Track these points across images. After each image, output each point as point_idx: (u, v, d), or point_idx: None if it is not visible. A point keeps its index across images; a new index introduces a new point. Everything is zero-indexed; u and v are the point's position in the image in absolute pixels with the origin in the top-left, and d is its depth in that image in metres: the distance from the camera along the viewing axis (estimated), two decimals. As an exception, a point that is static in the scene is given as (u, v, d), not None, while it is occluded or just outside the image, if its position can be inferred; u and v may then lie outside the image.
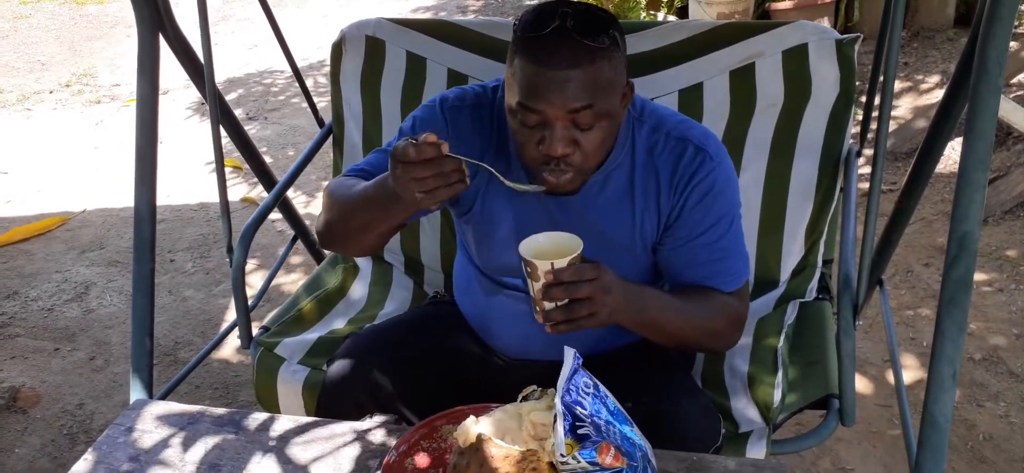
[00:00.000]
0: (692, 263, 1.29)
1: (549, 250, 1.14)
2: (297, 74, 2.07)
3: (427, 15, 6.58)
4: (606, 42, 1.12)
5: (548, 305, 1.12)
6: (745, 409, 1.44)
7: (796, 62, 1.67)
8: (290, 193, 3.67)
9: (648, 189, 1.28)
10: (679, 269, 1.31)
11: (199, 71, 1.84)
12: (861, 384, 2.31)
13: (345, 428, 1.27)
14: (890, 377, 2.30)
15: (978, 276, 2.72)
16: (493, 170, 1.17)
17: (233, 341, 2.44)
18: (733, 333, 1.31)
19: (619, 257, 1.31)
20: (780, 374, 1.47)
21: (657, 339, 1.28)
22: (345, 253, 1.35)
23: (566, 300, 1.11)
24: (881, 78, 1.31)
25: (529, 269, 1.12)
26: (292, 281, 3.10)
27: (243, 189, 3.89)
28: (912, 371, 2.35)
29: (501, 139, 1.33)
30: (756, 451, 1.34)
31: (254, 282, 3.09)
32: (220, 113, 1.89)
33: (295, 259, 3.20)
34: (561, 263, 1.09)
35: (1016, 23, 4.49)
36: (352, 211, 1.26)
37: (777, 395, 1.43)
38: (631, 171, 1.29)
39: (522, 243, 1.14)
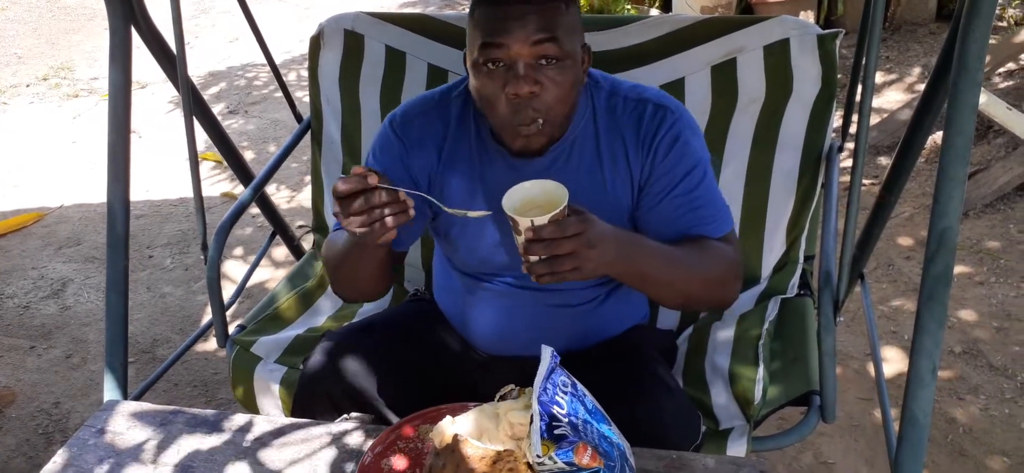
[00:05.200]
0: (673, 217, 1.27)
1: (536, 199, 1.12)
2: (274, 68, 2.04)
3: (415, 9, 6.55)
4: None
5: (532, 258, 1.10)
6: (726, 406, 1.43)
7: (777, 57, 1.66)
8: (271, 189, 3.66)
9: (615, 152, 1.29)
10: (662, 227, 1.28)
11: (173, 64, 1.81)
12: (843, 378, 2.32)
13: (321, 429, 1.25)
14: (872, 370, 2.31)
15: (959, 269, 2.74)
16: (431, 198, 1.17)
17: (213, 338, 2.42)
18: (735, 281, 1.28)
19: None
20: (761, 370, 1.47)
21: (659, 294, 1.25)
22: (361, 300, 1.38)
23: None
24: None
25: (512, 223, 1.10)
26: (274, 276, 3.07)
27: (225, 184, 3.85)
28: (894, 364, 2.36)
29: (458, 133, 1.34)
30: (737, 448, 1.34)
31: (235, 277, 3.06)
32: (195, 106, 1.86)
33: (277, 254, 3.16)
34: (541, 220, 1.06)
35: (998, 15, 4.53)
36: (338, 263, 1.31)
37: (758, 392, 1.42)
38: (595, 137, 1.30)
39: (507, 194, 1.11)
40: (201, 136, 2.07)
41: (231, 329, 1.71)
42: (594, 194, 1.29)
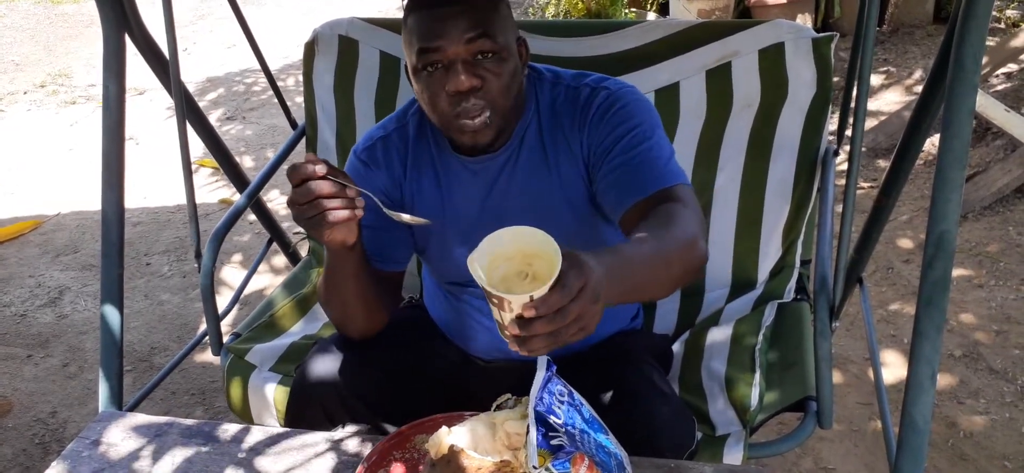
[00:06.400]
0: (623, 177, 1.20)
1: (505, 250, 0.93)
2: (268, 74, 2.04)
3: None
4: None
5: (523, 333, 0.88)
6: (722, 412, 1.42)
7: (772, 61, 1.66)
8: (268, 195, 3.64)
9: (557, 139, 1.30)
10: (615, 192, 1.22)
11: (167, 70, 1.80)
12: (843, 382, 2.31)
13: (317, 438, 1.24)
14: (872, 375, 2.30)
15: (958, 272, 2.73)
16: (375, 198, 1.15)
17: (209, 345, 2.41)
18: (702, 235, 1.13)
19: (558, 218, 1.29)
20: (758, 376, 1.46)
21: (653, 295, 1.19)
22: (358, 332, 1.34)
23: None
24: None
25: (496, 301, 0.87)
26: (273, 283, 3.06)
27: (224, 191, 3.84)
28: (893, 368, 2.35)
29: (418, 148, 1.35)
30: (733, 454, 1.33)
31: (233, 284, 3.05)
32: (190, 113, 1.85)
33: (276, 262, 3.16)
34: (541, 292, 0.84)
35: (995, 17, 4.52)
36: (323, 284, 1.29)
37: (754, 397, 1.41)
38: (539, 129, 1.31)
39: (473, 258, 0.90)
40: (200, 143, 2.06)
41: (226, 337, 1.70)
42: (548, 189, 1.30)
